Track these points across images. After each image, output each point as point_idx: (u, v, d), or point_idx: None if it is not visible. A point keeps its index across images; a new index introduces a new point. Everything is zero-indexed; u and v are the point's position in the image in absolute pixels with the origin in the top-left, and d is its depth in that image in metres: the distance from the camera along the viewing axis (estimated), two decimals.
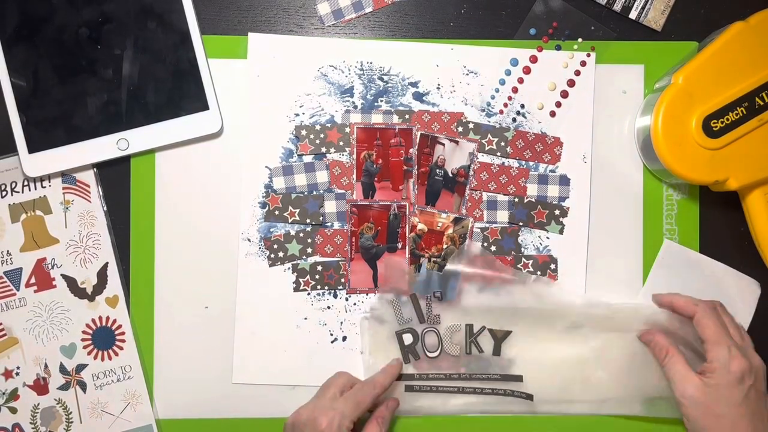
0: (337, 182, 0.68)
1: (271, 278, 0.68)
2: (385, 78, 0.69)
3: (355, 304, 0.68)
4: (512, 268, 0.68)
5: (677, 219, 0.69)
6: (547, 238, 0.69)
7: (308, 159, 0.68)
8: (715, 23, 0.67)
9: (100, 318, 0.67)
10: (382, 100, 0.69)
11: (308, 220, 0.68)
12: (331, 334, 0.68)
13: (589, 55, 0.69)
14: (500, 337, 0.68)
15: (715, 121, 0.62)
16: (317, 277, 0.68)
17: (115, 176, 0.68)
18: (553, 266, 0.69)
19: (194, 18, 0.67)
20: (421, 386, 0.67)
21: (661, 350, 0.62)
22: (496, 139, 0.69)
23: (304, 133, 0.68)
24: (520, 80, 0.69)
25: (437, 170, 0.69)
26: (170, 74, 0.67)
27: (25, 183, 0.67)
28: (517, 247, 0.69)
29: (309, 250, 0.68)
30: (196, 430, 0.68)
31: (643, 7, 0.69)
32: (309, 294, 0.68)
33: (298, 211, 0.68)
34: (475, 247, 0.68)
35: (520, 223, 0.69)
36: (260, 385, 0.68)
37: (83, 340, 0.67)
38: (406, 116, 0.69)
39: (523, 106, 0.69)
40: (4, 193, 0.67)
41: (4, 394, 0.67)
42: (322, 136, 0.68)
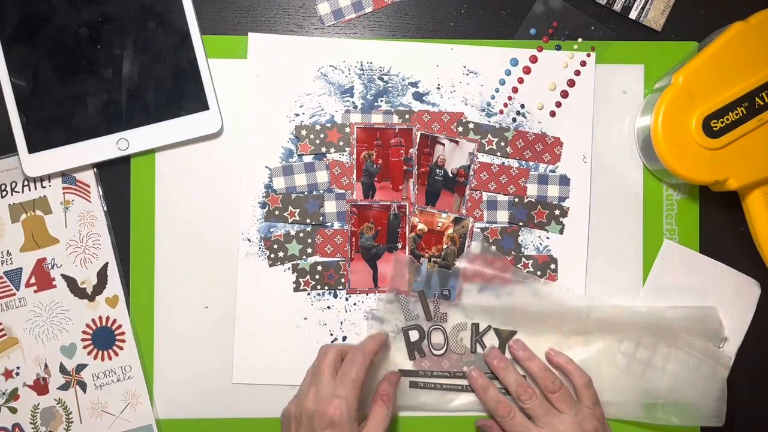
0: (337, 182, 0.68)
1: (271, 278, 0.68)
2: (385, 78, 0.69)
3: (355, 304, 0.68)
4: (520, 269, 0.68)
5: (677, 219, 0.69)
6: (547, 238, 0.69)
7: (308, 159, 0.68)
8: (715, 23, 0.67)
9: (100, 318, 0.67)
10: (382, 100, 0.69)
11: (308, 220, 0.68)
12: (331, 334, 0.68)
13: (589, 55, 0.69)
14: (505, 337, 0.68)
15: (715, 121, 0.62)
16: (317, 277, 0.68)
17: (115, 176, 0.68)
18: (553, 266, 0.69)
19: (194, 18, 0.67)
20: (426, 383, 0.67)
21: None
22: (496, 139, 0.69)
23: (304, 133, 0.68)
24: (520, 80, 0.69)
25: (437, 170, 0.69)
26: (170, 74, 0.67)
27: (25, 183, 0.67)
28: (517, 247, 0.69)
29: (309, 250, 0.68)
30: (196, 430, 0.68)
31: (643, 7, 0.69)
32: (309, 294, 0.68)
33: (298, 211, 0.68)
34: (481, 247, 0.68)
35: (520, 223, 0.69)
36: (260, 385, 0.68)
37: (83, 340, 0.67)
38: (406, 116, 0.69)
39: (523, 106, 0.69)
40: (4, 193, 0.67)
41: (4, 394, 0.67)
42: (322, 136, 0.68)
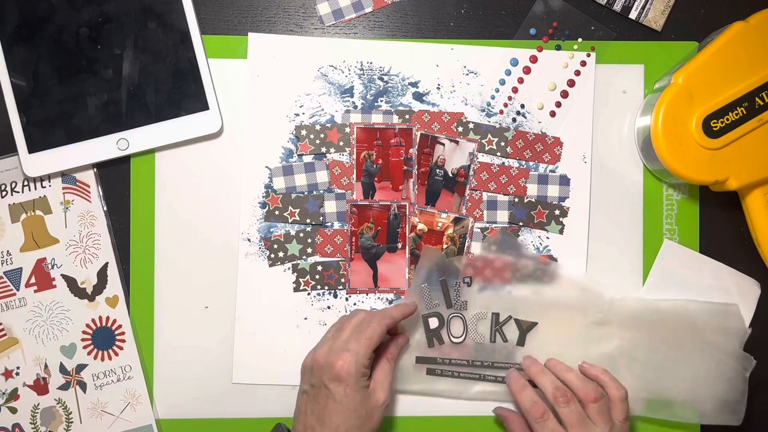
0: (337, 182, 0.68)
1: (271, 278, 0.68)
2: (385, 78, 0.69)
3: (355, 304, 0.68)
4: (544, 257, 0.68)
5: (677, 219, 0.69)
6: (547, 238, 0.69)
7: (308, 159, 0.68)
8: (715, 23, 0.67)
9: (100, 318, 0.67)
10: (382, 100, 0.69)
11: (308, 220, 0.68)
12: None
13: (589, 55, 0.69)
14: (525, 328, 0.67)
15: (715, 121, 0.62)
16: (317, 277, 0.68)
17: (115, 176, 0.68)
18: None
19: (194, 18, 0.67)
20: (443, 371, 0.67)
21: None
22: (496, 139, 0.69)
23: (304, 133, 0.68)
24: (520, 80, 0.69)
25: (437, 170, 0.69)
26: (170, 74, 0.67)
27: (25, 183, 0.67)
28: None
29: (309, 250, 0.68)
30: (196, 430, 0.68)
31: (643, 7, 0.69)
32: (309, 294, 0.68)
33: (298, 211, 0.68)
34: (501, 236, 0.68)
35: (520, 223, 0.69)
36: (260, 385, 0.68)
37: (83, 340, 0.67)
38: (406, 116, 0.69)
39: (523, 106, 0.69)
40: (4, 193, 0.67)
41: (4, 394, 0.67)
42: (322, 136, 0.68)
